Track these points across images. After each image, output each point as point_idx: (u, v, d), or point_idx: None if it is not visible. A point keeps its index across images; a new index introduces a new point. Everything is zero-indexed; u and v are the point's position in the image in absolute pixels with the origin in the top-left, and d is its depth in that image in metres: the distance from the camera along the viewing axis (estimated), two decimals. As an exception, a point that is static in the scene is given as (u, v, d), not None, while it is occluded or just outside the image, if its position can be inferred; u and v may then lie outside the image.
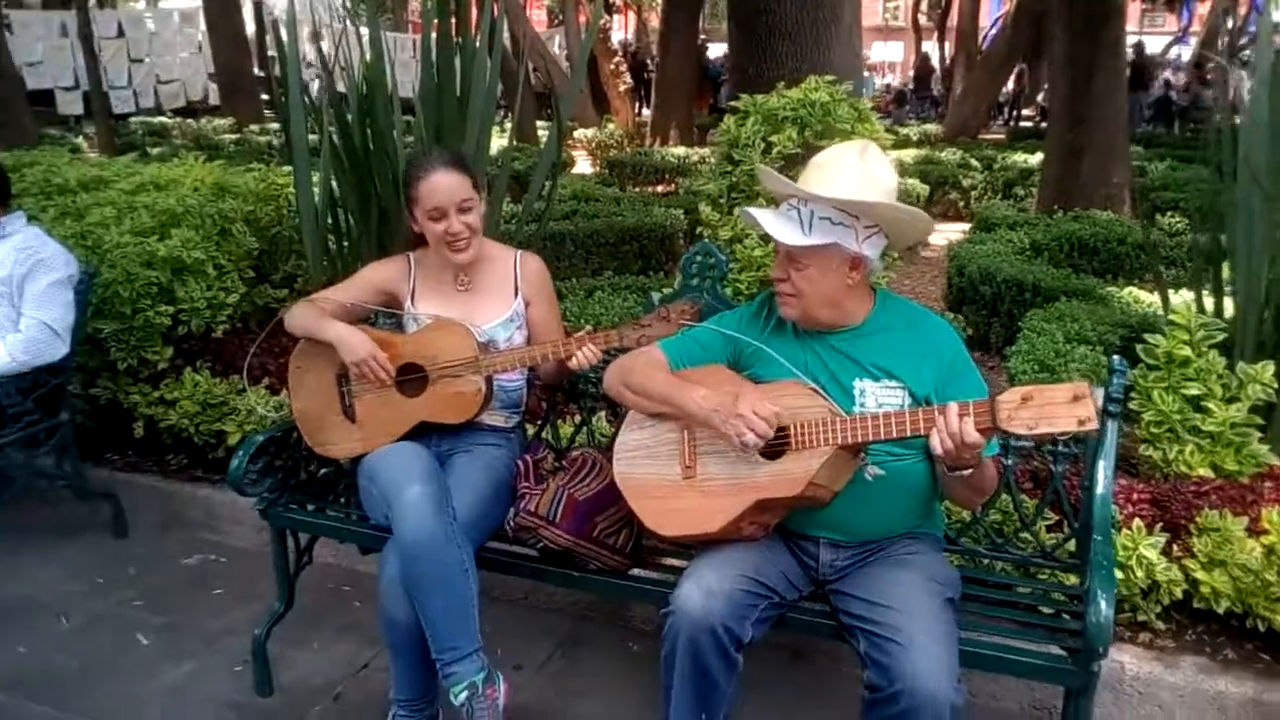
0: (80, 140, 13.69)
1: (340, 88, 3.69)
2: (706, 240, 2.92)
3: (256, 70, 17.07)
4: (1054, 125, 7.32)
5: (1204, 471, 2.76)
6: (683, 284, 2.71)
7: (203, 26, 16.55)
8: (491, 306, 2.59)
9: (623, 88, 15.06)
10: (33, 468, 3.36)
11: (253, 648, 2.68)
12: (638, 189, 9.88)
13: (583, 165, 13.47)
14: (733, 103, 3.65)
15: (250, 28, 17.55)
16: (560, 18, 21.61)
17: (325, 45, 3.89)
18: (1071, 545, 2.38)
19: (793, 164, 3.40)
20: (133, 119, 16.31)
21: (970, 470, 1.92)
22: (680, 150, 11.78)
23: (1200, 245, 4.07)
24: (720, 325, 2.28)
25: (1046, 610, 2.25)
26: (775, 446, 2.00)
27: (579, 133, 14.16)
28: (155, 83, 17.07)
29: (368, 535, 2.58)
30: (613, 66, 14.81)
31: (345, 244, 3.86)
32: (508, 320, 2.59)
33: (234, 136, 13.79)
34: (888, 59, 39.46)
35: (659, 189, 10.21)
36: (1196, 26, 29.62)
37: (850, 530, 2.13)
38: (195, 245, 3.68)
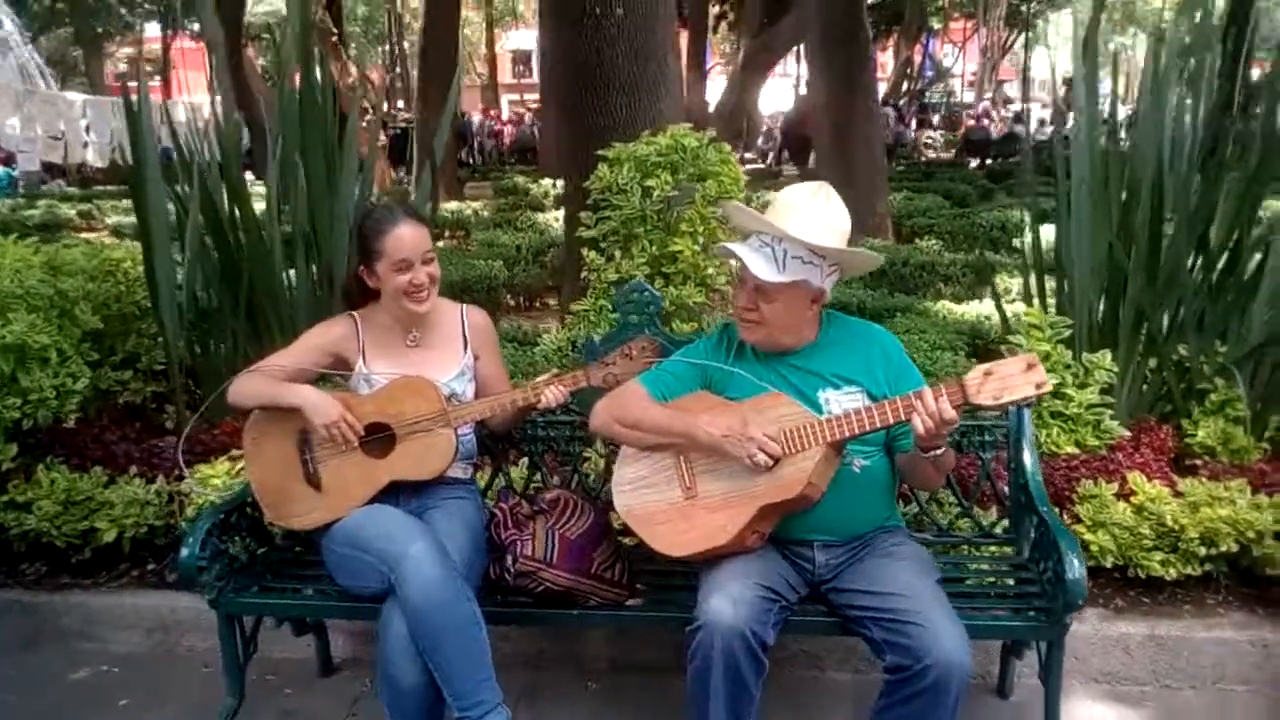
0: None
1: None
2: (638, 279, 3.04)
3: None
4: (822, 162, 8.03)
5: (1070, 449, 3.18)
6: (620, 322, 2.81)
7: None
8: (444, 361, 2.60)
9: (380, 143, 14.85)
10: None
11: (212, 748, 2.50)
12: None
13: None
14: (600, 151, 3.81)
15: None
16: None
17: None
18: (1004, 524, 2.69)
19: (671, 205, 3.61)
20: None
21: (941, 450, 2.16)
22: (453, 205, 11.78)
23: (976, 262, 4.67)
24: (688, 356, 2.42)
25: (993, 581, 2.54)
26: None
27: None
28: None
29: (342, 608, 2.50)
30: (364, 124, 14.58)
31: (206, 321, 3.69)
32: (459, 374, 2.60)
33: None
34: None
35: (440, 244, 10.16)
36: (881, 74, 33.11)
37: (839, 529, 2.32)
38: (40, 329, 3.37)
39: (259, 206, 3.76)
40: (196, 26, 31.02)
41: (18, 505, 3.30)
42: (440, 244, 10.09)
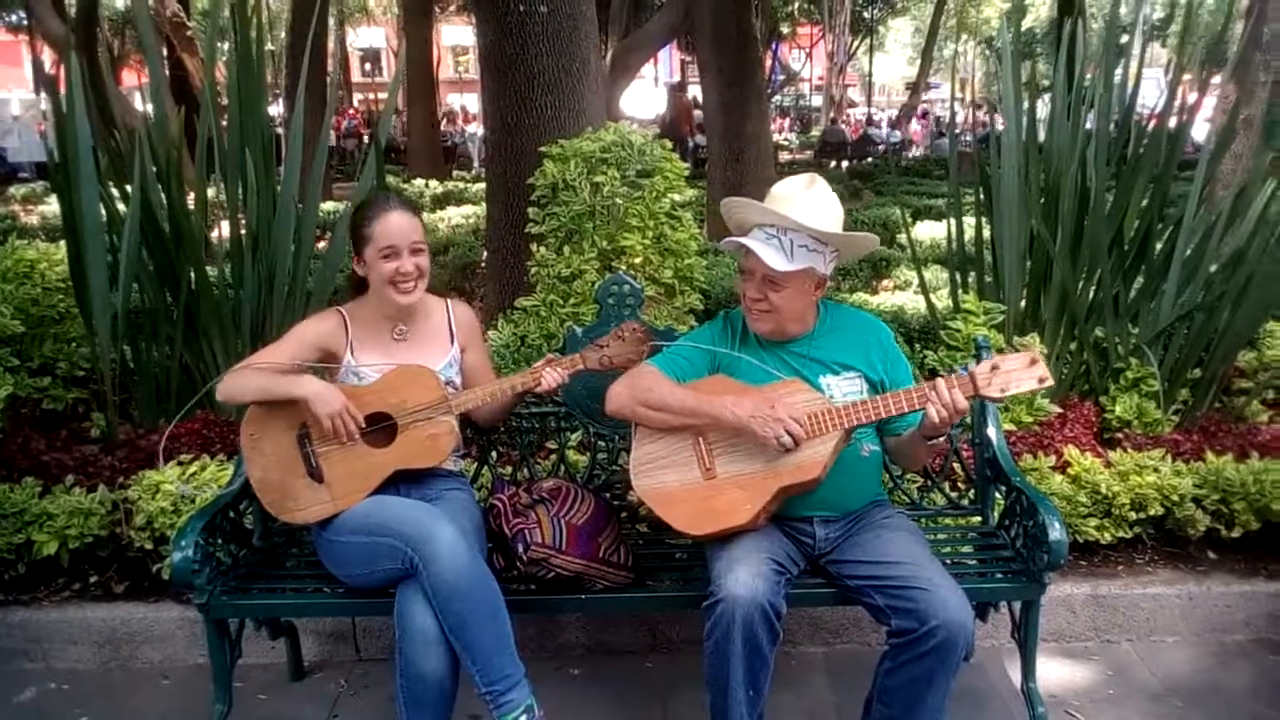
0: None
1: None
2: (621, 272, 3.08)
3: None
4: (715, 163, 8.20)
5: (1009, 426, 3.40)
6: (602, 314, 2.85)
7: None
8: (431, 355, 2.59)
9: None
10: None
11: (206, 758, 2.42)
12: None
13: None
14: (543, 148, 3.84)
15: None
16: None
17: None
18: (969, 496, 2.87)
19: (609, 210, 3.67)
20: None
21: (944, 436, 2.32)
22: (329, 205, 11.43)
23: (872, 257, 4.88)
24: (696, 342, 2.50)
25: (965, 549, 2.71)
26: None
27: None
28: None
29: (342, 605, 2.47)
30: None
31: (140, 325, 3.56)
32: (446, 366, 2.60)
33: None
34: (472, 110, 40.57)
35: (321, 245, 9.88)
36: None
37: (839, 506, 2.43)
38: (-41, 335, 3.17)
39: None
40: (13, 19, 29.03)
41: (-58, 521, 3.09)
42: (322, 245, 9.83)
